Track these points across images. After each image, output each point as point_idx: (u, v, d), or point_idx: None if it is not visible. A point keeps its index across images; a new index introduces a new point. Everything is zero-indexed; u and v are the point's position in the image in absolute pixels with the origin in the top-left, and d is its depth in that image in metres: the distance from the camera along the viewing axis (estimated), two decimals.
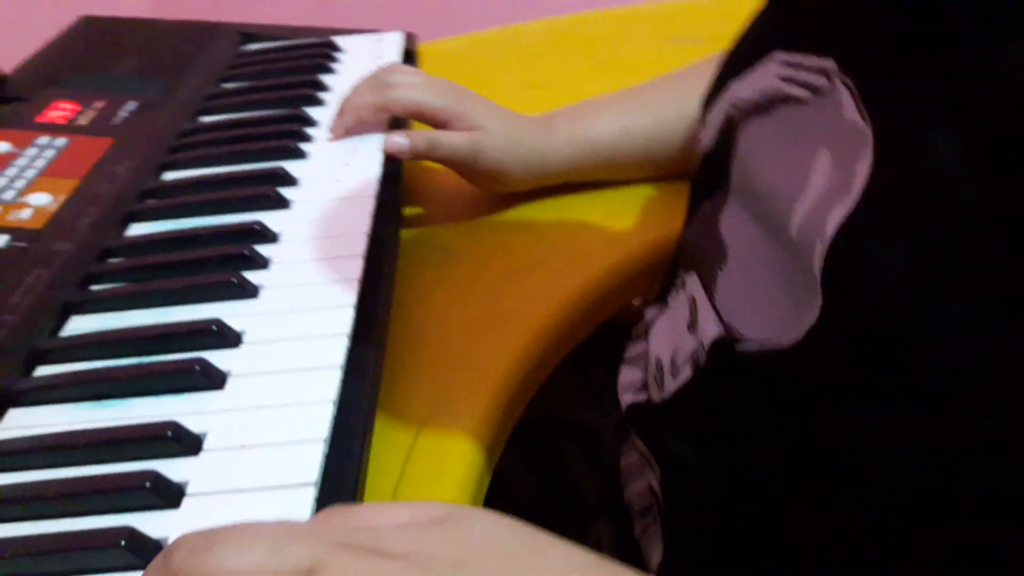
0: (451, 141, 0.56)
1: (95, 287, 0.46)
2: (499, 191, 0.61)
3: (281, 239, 0.50)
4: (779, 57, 0.41)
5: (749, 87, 0.43)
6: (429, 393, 0.47)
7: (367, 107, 0.58)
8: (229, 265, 0.46)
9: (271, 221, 0.50)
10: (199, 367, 0.39)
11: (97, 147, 0.57)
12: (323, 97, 0.65)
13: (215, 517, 0.33)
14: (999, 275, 0.28)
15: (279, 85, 0.67)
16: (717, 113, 0.46)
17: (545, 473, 0.61)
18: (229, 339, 0.42)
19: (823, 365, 0.34)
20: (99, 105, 0.62)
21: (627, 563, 0.30)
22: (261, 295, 0.45)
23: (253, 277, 0.46)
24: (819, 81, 0.37)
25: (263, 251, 0.48)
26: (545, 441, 0.62)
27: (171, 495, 0.33)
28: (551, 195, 0.63)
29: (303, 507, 0.33)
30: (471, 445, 0.44)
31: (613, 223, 0.60)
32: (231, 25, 0.80)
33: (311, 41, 0.75)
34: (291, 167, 0.56)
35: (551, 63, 0.85)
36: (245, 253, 0.47)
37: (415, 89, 0.58)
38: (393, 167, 0.57)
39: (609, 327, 0.59)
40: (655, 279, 0.54)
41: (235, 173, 0.56)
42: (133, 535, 0.31)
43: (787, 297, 0.36)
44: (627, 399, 0.50)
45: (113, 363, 0.40)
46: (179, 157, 0.58)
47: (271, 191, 0.53)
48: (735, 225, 0.43)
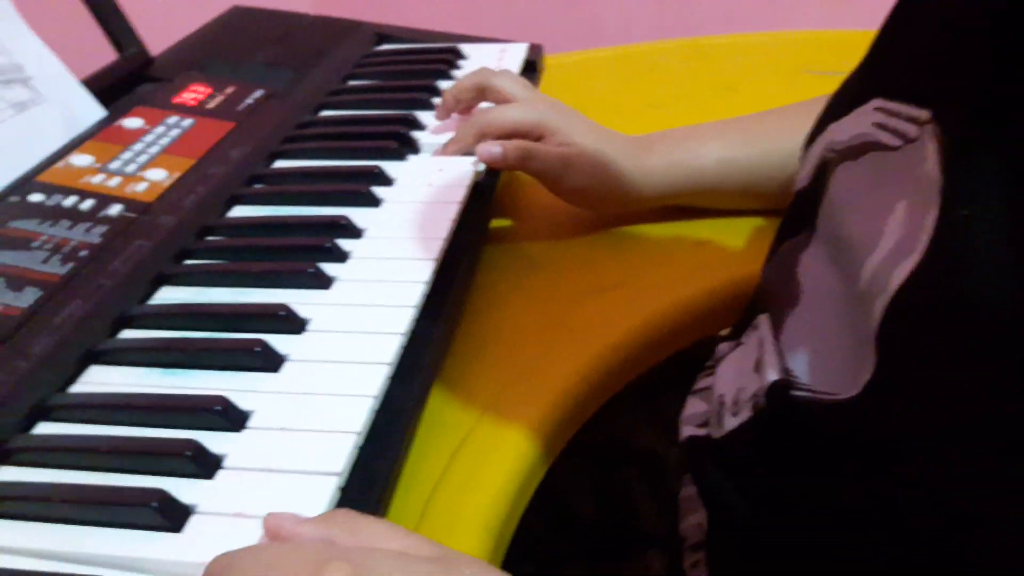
0: (544, 153, 0.57)
1: (188, 262, 0.50)
2: (588, 209, 0.61)
3: (365, 235, 0.52)
4: (877, 103, 0.40)
5: (845, 130, 0.42)
6: (491, 390, 0.48)
7: (470, 134, 0.59)
8: (311, 255, 0.49)
9: (359, 217, 0.53)
10: (259, 348, 0.41)
11: (218, 130, 0.61)
12: (435, 102, 0.67)
13: (243, 492, 0.35)
14: None
15: (397, 87, 0.70)
16: (814, 153, 0.45)
17: (606, 495, 0.61)
18: (294, 325, 0.44)
19: (874, 423, 0.33)
20: (229, 91, 0.66)
21: None
22: (334, 287, 0.47)
23: (331, 269, 0.48)
24: (910, 130, 0.36)
25: (345, 245, 0.50)
26: (610, 464, 0.62)
27: (208, 466, 0.36)
28: (642, 217, 0.62)
29: (325, 495, 0.35)
30: (525, 443, 0.45)
31: (701, 253, 0.59)
32: (370, 25, 0.83)
33: (437, 47, 0.77)
34: (389, 167, 0.58)
35: (676, 83, 0.85)
36: (327, 245, 0.49)
37: (509, 110, 0.59)
38: (487, 178, 0.59)
39: (688, 357, 0.59)
40: (734, 315, 0.53)
41: (337, 168, 0.59)
42: (164, 498, 0.33)
43: (849, 350, 0.35)
44: (687, 431, 0.50)
45: (186, 335, 0.43)
46: (291, 147, 0.62)
47: (364, 188, 0.55)
48: (813, 269, 0.42)
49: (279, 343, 0.42)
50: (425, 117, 0.65)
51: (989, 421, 0.29)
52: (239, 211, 0.55)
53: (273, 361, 0.41)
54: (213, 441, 0.37)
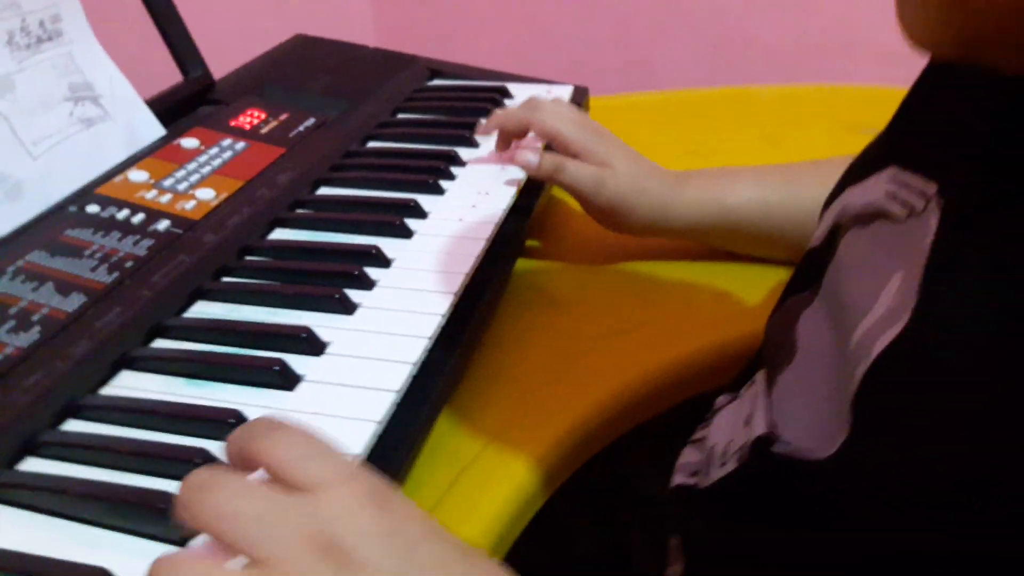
0: (576, 169, 0.60)
1: (225, 279, 0.53)
2: (613, 230, 0.63)
3: (393, 265, 0.54)
4: (893, 172, 0.41)
5: (860, 196, 0.43)
6: (498, 421, 0.50)
7: (513, 119, 0.64)
8: (340, 281, 0.52)
9: (390, 248, 0.55)
10: (277, 367, 0.44)
11: (269, 155, 0.65)
12: (478, 140, 0.70)
13: None
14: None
15: (442, 122, 0.73)
16: (830, 214, 0.46)
17: (606, 538, 0.62)
18: (315, 347, 0.46)
19: (847, 484, 0.34)
20: (283, 117, 0.70)
21: None
22: (357, 313, 0.50)
23: (356, 296, 0.51)
24: (918, 203, 0.37)
25: (373, 273, 0.53)
26: (613, 505, 0.63)
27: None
28: (669, 259, 0.64)
29: None
30: (525, 474, 0.47)
31: (722, 303, 0.61)
32: (424, 59, 0.87)
33: (485, 85, 0.80)
34: (425, 201, 0.61)
35: (718, 132, 0.86)
36: (355, 273, 0.52)
37: (557, 118, 0.62)
38: (525, 200, 0.61)
39: (701, 405, 0.60)
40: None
41: (375, 198, 0.62)
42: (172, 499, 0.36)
43: (832, 411, 0.36)
44: (677, 479, 0.51)
45: (214, 348, 0.46)
46: (336, 175, 0.65)
47: (398, 220, 0.58)
48: (812, 327, 0.43)
49: (298, 363, 0.45)
50: (466, 153, 0.68)
51: (958, 487, 0.29)
52: (279, 233, 0.58)
53: (289, 380, 0.44)
54: (223, 452, 0.39)
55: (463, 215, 0.60)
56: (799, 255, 0.62)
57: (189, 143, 0.64)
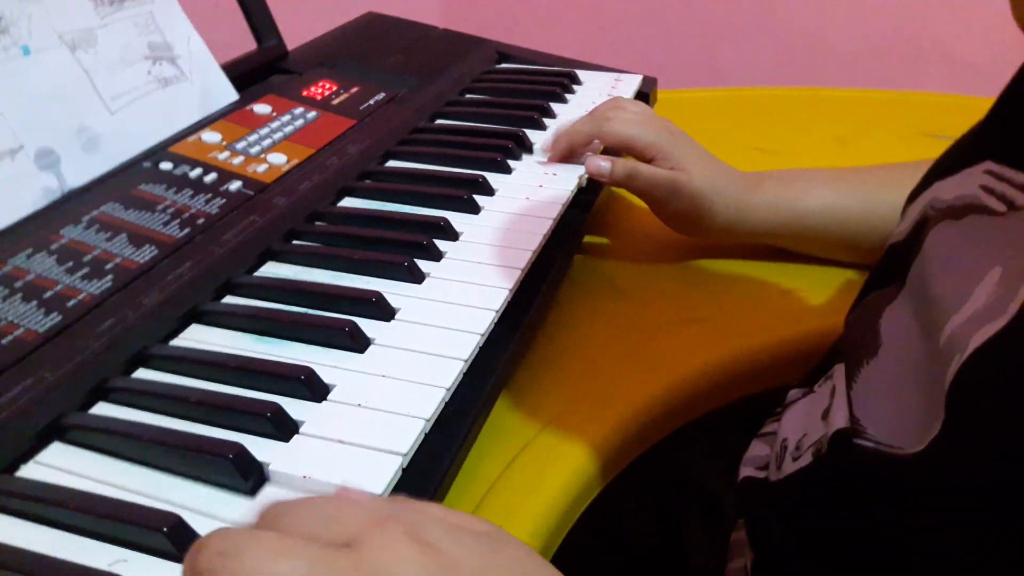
0: (651, 174, 0.58)
1: (295, 242, 0.53)
2: (688, 235, 0.62)
3: (461, 239, 0.54)
4: (987, 166, 0.40)
5: (951, 189, 0.42)
6: (557, 404, 0.50)
7: (580, 135, 0.61)
8: (409, 250, 0.51)
9: (458, 222, 0.55)
10: (348, 328, 0.44)
11: (340, 125, 0.65)
12: (546, 123, 0.69)
13: (314, 458, 0.37)
14: None
15: (510, 104, 0.72)
16: (916, 208, 0.45)
17: (663, 531, 0.61)
18: (385, 312, 0.46)
19: (935, 481, 0.33)
20: (354, 90, 0.70)
21: None
22: (426, 282, 0.49)
23: (425, 266, 0.50)
24: (1018, 197, 0.36)
25: (442, 246, 0.52)
26: (669, 497, 0.62)
27: (285, 429, 0.38)
28: (733, 254, 0.63)
29: (388, 472, 0.36)
30: (583, 459, 0.46)
31: (788, 300, 0.59)
32: (493, 43, 0.86)
33: (554, 70, 0.79)
34: (493, 179, 0.60)
35: (787, 130, 0.84)
36: (424, 243, 0.52)
37: (629, 124, 0.60)
38: (587, 195, 0.60)
39: (762, 401, 0.59)
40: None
41: (444, 173, 0.61)
42: (241, 452, 0.36)
43: (920, 406, 0.35)
44: (745, 472, 0.50)
45: (284, 307, 0.46)
46: (404, 149, 0.65)
47: (467, 195, 0.57)
48: (896, 322, 0.42)
49: (368, 327, 0.45)
50: (533, 135, 0.67)
51: None
52: (348, 202, 0.58)
53: (360, 342, 0.44)
54: (294, 408, 0.39)
55: (530, 194, 0.59)
56: (871, 260, 0.60)
57: (262, 109, 0.64)
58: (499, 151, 0.64)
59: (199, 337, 0.45)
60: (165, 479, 0.36)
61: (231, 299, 0.48)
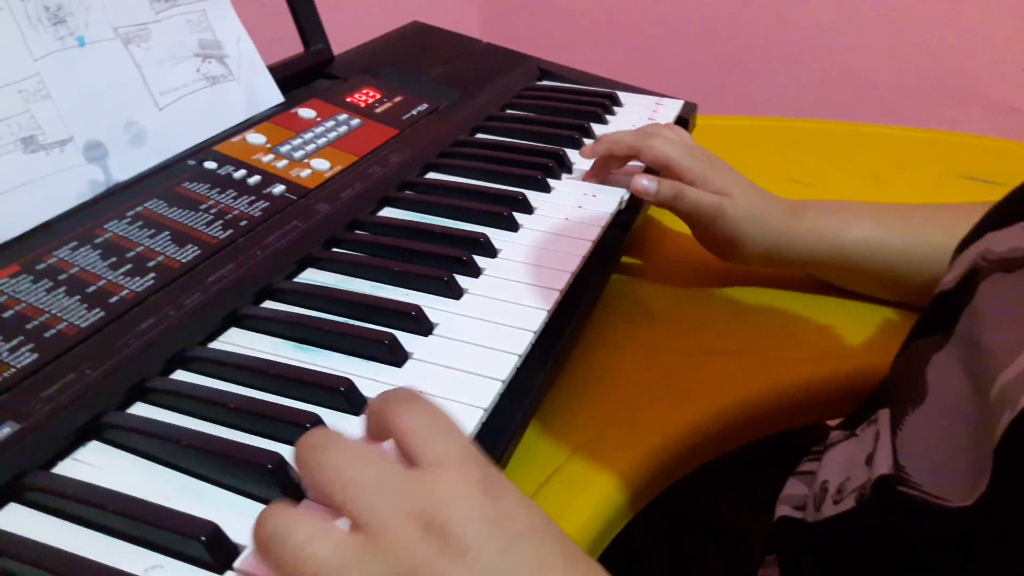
0: (697, 196, 0.58)
1: (335, 249, 0.53)
2: (728, 260, 0.61)
3: (500, 255, 0.54)
4: None
5: (1003, 241, 0.42)
6: (588, 430, 0.49)
7: (622, 144, 0.62)
8: (448, 265, 0.51)
9: (497, 238, 0.55)
10: (388, 341, 0.43)
11: (382, 134, 0.65)
12: (586, 141, 0.69)
13: None
14: None
15: (550, 122, 0.72)
16: (967, 258, 0.45)
17: (683, 566, 0.61)
18: (423, 326, 0.46)
19: (981, 536, 0.32)
20: (397, 99, 0.70)
21: None
22: (464, 298, 0.49)
23: (463, 281, 0.50)
24: None
25: (480, 262, 0.52)
26: (690, 531, 0.61)
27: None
28: (770, 286, 0.62)
29: None
30: (613, 489, 0.46)
31: (825, 337, 0.59)
32: (534, 59, 0.86)
33: (595, 90, 0.79)
34: (533, 196, 0.60)
35: (823, 163, 0.84)
36: (464, 258, 0.52)
37: (671, 145, 0.60)
38: (626, 216, 0.60)
39: (787, 438, 0.58)
40: (849, 406, 0.52)
41: (484, 188, 0.61)
42: (279, 462, 0.35)
43: (967, 459, 0.35)
44: (782, 511, 0.49)
45: (323, 316, 0.46)
46: (444, 161, 0.65)
47: (506, 212, 0.57)
48: (944, 371, 0.42)
49: (406, 340, 0.45)
50: (573, 155, 0.67)
51: None
52: (388, 212, 0.58)
53: (399, 356, 0.43)
54: (331, 419, 0.39)
55: (569, 214, 0.59)
56: (907, 297, 0.60)
57: (306, 113, 0.64)
58: (539, 169, 0.64)
59: (238, 341, 0.44)
60: (200, 483, 0.36)
61: (271, 304, 0.48)
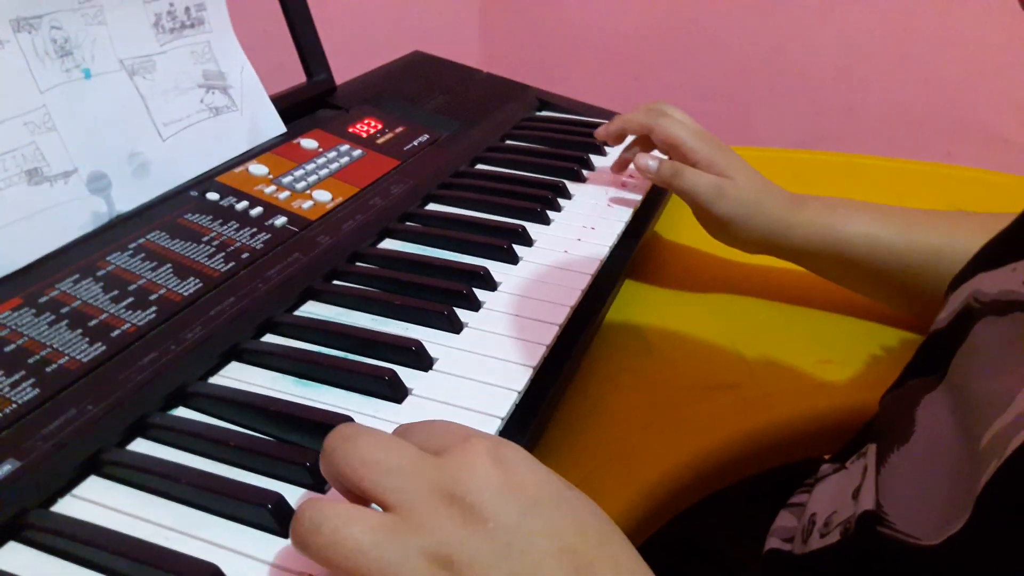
0: (696, 176, 0.60)
1: (336, 282, 0.53)
2: (728, 243, 0.62)
3: (499, 288, 0.54)
4: None
5: (995, 283, 0.42)
6: (585, 465, 0.49)
7: (634, 123, 0.66)
8: (448, 298, 0.51)
9: (497, 271, 0.55)
10: (388, 378, 0.44)
11: (384, 165, 0.65)
12: (585, 174, 0.70)
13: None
14: None
15: (551, 154, 0.73)
16: (958, 298, 0.45)
17: None
18: (423, 362, 0.46)
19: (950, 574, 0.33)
20: (399, 130, 0.70)
21: None
22: (464, 332, 0.50)
23: (464, 315, 0.51)
24: None
25: (480, 295, 0.53)
26: (688, 562, 0.61)
27: (322, 480, 0.38)
28: (765, 317, 0.63)
29: None
30: (613, 521, 0.46)
31: (822, 372, 0.59)
32: (534, 89, 0.87)
33: (594, 121, 0.80)
34: (533, 229, 0.60)
35: (820, 194, 0.84)
36: (464, 292, 0.52)
37: (680, 126, 0.62)
38: (628, 240, 0.60)
39: (787, 471, 0.58)
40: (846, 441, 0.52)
41: (484, 220, 0.61)
42: (279, 502, 0.36)
43: (945, 500, 0.35)
44: (771, 543, 0.49)
45: (323, 350, 0.46)
46: (445, 193, 0.65)
47: (506, 244, 0.57)
48: (933, 413, 0.42)
49: (406, 376, 0.45)
50: (573, 187, 0.68)
51: None
52: (389, 244, 0.58)
53: (399, 392, 0.44)
54: None
55: (568, 247, 0.59)
56: (902, 301, 0.60)
57: (308, 144, 0.64)
58: (539, 201, 0.64)
59: (239, 376, 0.45)
60: (201, 518, 0.36)
61: (272, 338, 0.48)
